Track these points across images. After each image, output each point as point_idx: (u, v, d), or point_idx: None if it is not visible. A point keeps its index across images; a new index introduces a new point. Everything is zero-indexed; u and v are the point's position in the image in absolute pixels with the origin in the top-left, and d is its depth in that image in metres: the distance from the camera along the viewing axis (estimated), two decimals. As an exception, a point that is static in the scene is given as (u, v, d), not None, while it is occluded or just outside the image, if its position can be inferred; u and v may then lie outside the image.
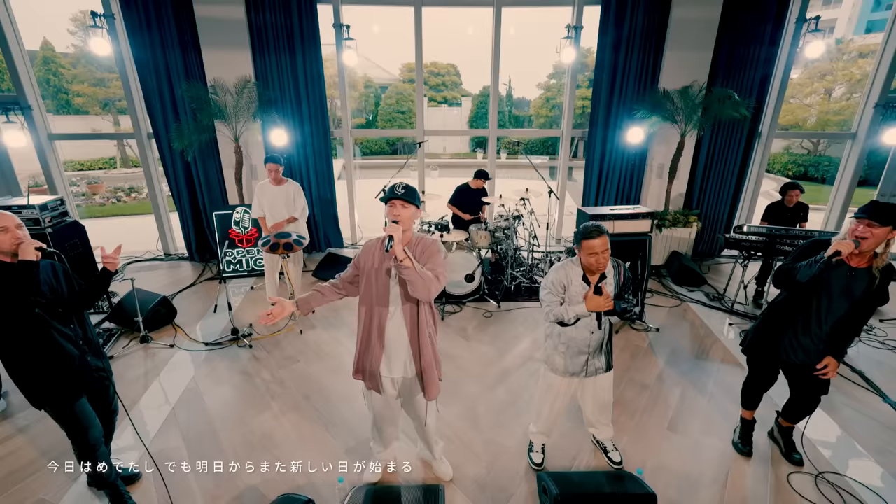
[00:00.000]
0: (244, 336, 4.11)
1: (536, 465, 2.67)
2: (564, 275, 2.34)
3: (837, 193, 6.25)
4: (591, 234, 2.16)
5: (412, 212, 2.00)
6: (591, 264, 2.22)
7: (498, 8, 5.95)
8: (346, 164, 6.61)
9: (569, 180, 6.95)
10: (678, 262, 5.51)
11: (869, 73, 5.87)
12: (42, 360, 2.02)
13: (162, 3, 5.20)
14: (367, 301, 2.14)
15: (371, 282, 2.10)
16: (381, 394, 2.26)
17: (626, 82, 5.81)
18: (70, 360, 2.08)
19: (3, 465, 2.67)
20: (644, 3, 5.48)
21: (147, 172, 6.08)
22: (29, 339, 1.98)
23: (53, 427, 2.45)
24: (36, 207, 3.80)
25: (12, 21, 5.26)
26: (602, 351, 2.45)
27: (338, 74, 6.09)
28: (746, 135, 5.79)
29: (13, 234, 1.93)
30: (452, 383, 3.49)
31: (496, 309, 4.77)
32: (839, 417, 3.11)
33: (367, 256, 2.13)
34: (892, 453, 2.79)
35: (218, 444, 2.85)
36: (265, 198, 4.51)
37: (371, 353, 2.17)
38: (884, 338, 4.18)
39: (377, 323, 2.12)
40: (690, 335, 4.28)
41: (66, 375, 2.08)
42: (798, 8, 5.48)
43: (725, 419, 3.08)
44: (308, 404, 3.23)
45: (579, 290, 2.29)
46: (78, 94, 14.92)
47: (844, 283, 2.23)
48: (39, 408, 2.11)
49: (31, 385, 2.06)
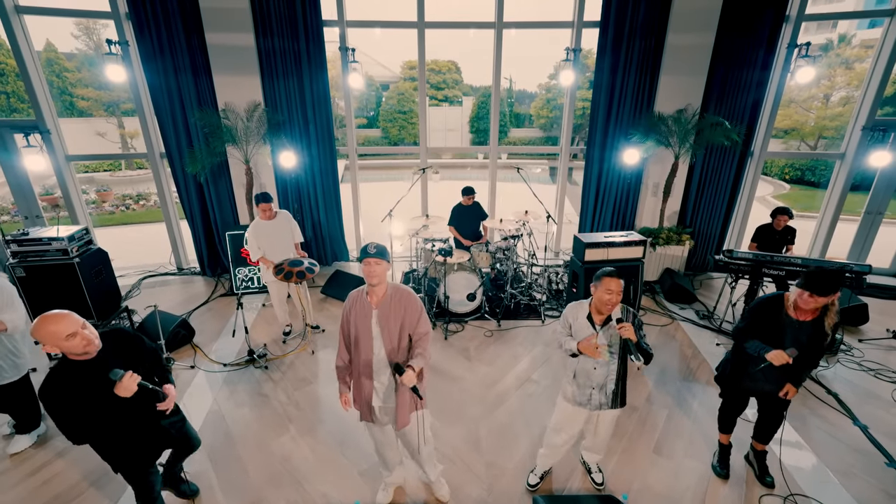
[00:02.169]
0: (260, 357, 4.38)
1: (531, 487, 2.94)
2: (573, 312, 2.57)
3: (827, 207, 6.46)
4: (612, 273, 2.38)
5: (384, 267, 2.31)
6: (605, 302, 2.37)
7: (499, 30, 6.14)
8: (352, 182, 6.83)
9: (569, 183, 7.15)
10: (671, 279, 5.75)
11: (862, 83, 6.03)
12: (121, 436, 2.15)
13: (174, 31, 5.39)
14: (355, 343, 2.41)
15: (357, 328, 2.38)
16: (374, 423, 2.54)
17: (622, 104, 6.02)
18: (146, 433, 2.25)
19: (48, 489, 2.94)
20: (641, 28, 5.67)
21: (160, 190, 6.31)
22: (110, 422, 2.07)
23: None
24: (65, 239, 4.05)
25: (31, 50, 5.46)
26: (608, 389, 2.56)
27: (343, 98, 6.30)
28: (738, 155, 6.00)
29: (81, 335, 1.96)
30: (456, 405, 3.76)
31: (496, 328, 5.03)
32: (812, 440, 3.38)
33: (351, 306, 2.41)
34: (856, 476, 3.06)
35: (242, 467, 3.13)
36: (261, 236, 4.40)
37: (363, 389, 2.46)
38: (861, 358, 4.44)
39: (364, 360, 2.40)
40: (679, 355, 4.54)
41: (143, 445, 2.26)
42: (790, 33, 5.67)
43: (706, 441, 3.35)
44: (323, 428, 3.50)
45: (583, 327, 2.50)
46: (83, 98, 15.10)
47: (794, 334, 2.51)
48: (117, 472, 2.29)
49: (112, 455, 2.21)
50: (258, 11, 5.45)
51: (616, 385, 2.57)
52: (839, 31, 27.09)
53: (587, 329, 2.49)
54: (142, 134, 6.01)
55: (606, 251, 4.45)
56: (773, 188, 15.68)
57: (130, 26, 5.39)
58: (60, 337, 1.91)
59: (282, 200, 6.28)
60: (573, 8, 6.04)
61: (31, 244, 4.04)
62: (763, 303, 2.59)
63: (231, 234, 5.67)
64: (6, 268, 4.04)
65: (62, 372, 1.96)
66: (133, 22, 5.30)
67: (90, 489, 2.93)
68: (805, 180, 15.26)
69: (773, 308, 2.53)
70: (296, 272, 4.20)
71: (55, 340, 1.91)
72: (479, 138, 22.97)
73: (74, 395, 1.95)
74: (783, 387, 2.65)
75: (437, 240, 5.56)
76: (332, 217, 6.60)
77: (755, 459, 3.05)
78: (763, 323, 2.57)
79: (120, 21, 5.44)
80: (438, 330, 4.97)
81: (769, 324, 2.55)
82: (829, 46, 18.34)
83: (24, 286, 4.05)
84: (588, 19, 6.01)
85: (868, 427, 3.53)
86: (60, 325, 1.91)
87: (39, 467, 3.11)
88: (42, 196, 5.97)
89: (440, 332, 4.92)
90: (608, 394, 2.58)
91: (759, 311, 2.59)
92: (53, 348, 1.94)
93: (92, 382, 1.98)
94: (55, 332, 1.90)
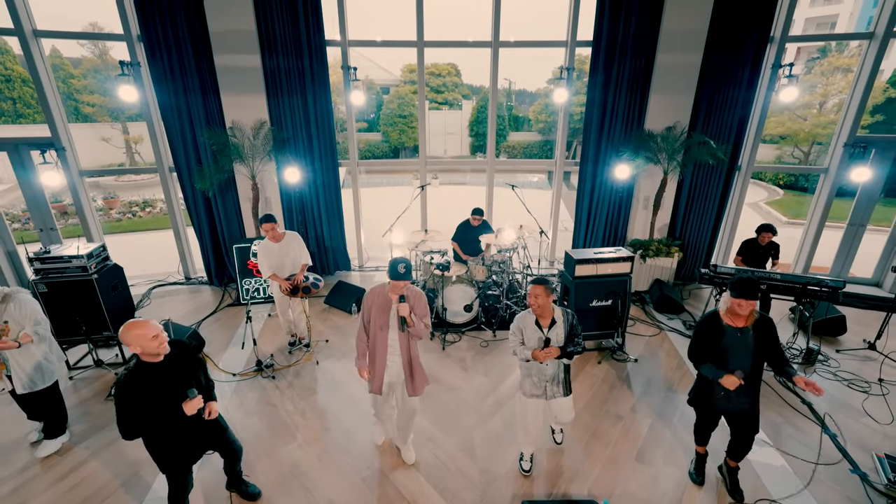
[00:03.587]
0: (267, 367, 4.63)
1: (525, 472, 3.35)
2: (522, 321, 3.05)
3: (813, 217, 6.69)
4: (535, 281, 2.94)
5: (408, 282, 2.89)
6: (532, 305, 2.93)
7: (495, 49, 6.37)
8: (353, 193, 7.08)
9: (566, 187, 7.39)
10: (660, 290, 5.99)
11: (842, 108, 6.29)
12: (170, 435, 2.45)
13: (185, 53, 5.64)
14: (373, 330, 3.01)
15: (375, 318, 3.00)
16: (381, 394, 3.15)
17: (614, 121, 6.25)
18: (190, 435, 2.54)
19: (78, 492, 3.20)
20: (631, 49, 5.91)
21: (168, 202, 6.56)
22: (164, 420, 2.35)
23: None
24: (84, 257, 4.30)
25: (48, 72, 5.70)
26: (558, 381, 3.10)
27: (346, 113, 6.55)
28: (726, 170, 6.24)
29: (161, 338, 2.30)
30: (452, 415, 4.01)
31: (492, 338, 5.28)
32: (783, 447, 3.62)
33: (371, 300, 3.02)
34: (822, 482, 3.31)
35: (254, 472, 3.37)
36: (271, 257, 4.52)
37: (377, 365, 3.06)
38: (836, 369, 4.68)
39: (381, 344, 3.02)
40: (665, 366, 4.78)
41: (186, 445, 2.57)
42: (774, 54, 5.90)
43: (685, 450, 3.60)
44: (328, 436, 3.75)
45: (532, 332, 3.00)
46: (89, 105, 15.34)
47: (738, 342, 2.78)
48: (164, 472, 2.59)
49: (160, 451, 2.49)
50: (264, 33, 5.69)
51: (565, 376, 3.11)
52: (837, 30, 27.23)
53: (536, 332, 2.99)
54: (150, 145, 6.23)
55: (595, 267, 4.69)
56: (767, 193, 15.91)
57: (142, 48, 5.63)
58: (147, 338, 2.24)
59: (286, 214, 6.53)
60: (567, 28, 6.28)
61: (52, 262, 4.30)
62: (702, 322, 2.91)
63: (238, 246, 5.91)
64: (29, 284, 4.29)
65: (136, 372, 2.28)
66: (145, 44, 5.54)
67: (117, 492, 3.18)
68: (798, 186, 15.49)
69: (711, 323, 2.84)
70: (301, 288, 4.45)
71: (142, 341, 2.23)
72: (479, 142, 23.19)
73: (142, 393, 2.26)
74: (746, 405, 2.89)
75: (436, 252, 5.81)
76: (335, 229, 6.85)
77: (727, 475, 3.26)
78: (708, 337, 2.87)
79: (132, 43, 5.68)
80: (437, 341, 5.21)
81: (712, 336, 2.85)
82: (827, 49, 18.56)
83: (45, 301, 4.31)
84: (581, 38, 6.25)
85: (837, 435, 3.81)
86: (147, 329, 2.25)
87: (67, 472, 3.36)
88: (52, 204, 6.20)
89: (438, 343, 5.16)
90: (559, 384, 3.10)
91: (701, 329, 2.90)
92: (137, 348, 2.25)
93: (158, 383, 2.30)
94: (143, 334, 2.23)
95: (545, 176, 19.37)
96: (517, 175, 19.74)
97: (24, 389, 3.31)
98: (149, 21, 5.42)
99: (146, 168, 6.76)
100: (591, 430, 3.84)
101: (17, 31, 5.43)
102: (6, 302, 3.22)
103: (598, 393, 4.31)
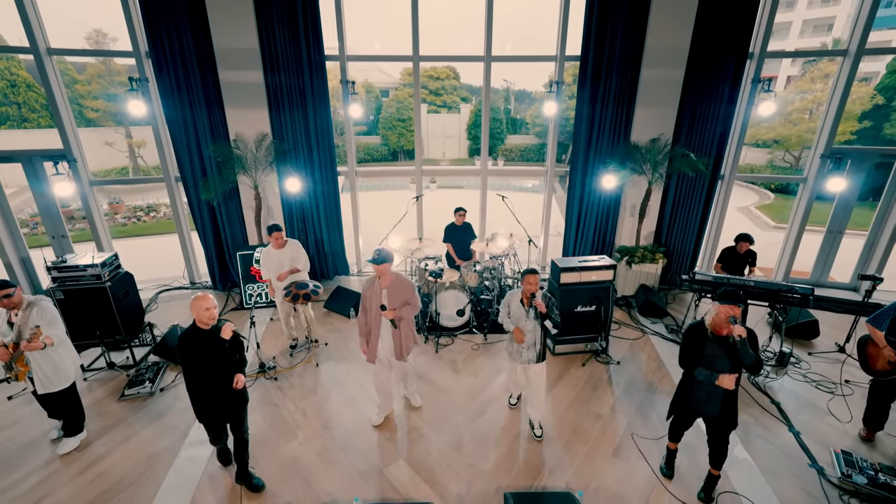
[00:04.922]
0: (269, 369, 4.91)
1: (512, 404, 4.36)
2: (510, 299, 3.78)
3: (793, 224, 6.96)
4: (531, 271, 3.57)
5: (385, 266, 3.63)
6: (527, 290, 3.58)
7: (487, 63, 6.65)
8: (352, 200, 7.36)
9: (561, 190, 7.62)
10: (645, 295, 6.27)
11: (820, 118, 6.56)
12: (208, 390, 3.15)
13: (190, 69, 5.91)
14: (368, 315, 3.79)
15: (370, 306, 3.76)
16: (377, 364, 3.93)
17: (602, 133, 6.53)
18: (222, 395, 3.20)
19: (97, 485, 3.48)
20: (617, 64, 6.18)
21: (174, 211, 6.85)
22: (206, 374, 3.08)
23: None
24: (98, 266, 4.59)
25: (61, 88, 5.98)
26: (533, 348, 3.72)
27: (344, 124, 6.82)
28: (708, 180, 6.51)
29: (213, 311, 3.06)
30: (443, 414, 4.29)
31: (483, 342, 5.56)
32: (750, 444, 3.90)
33: (368, 287, 3.77)
34: (782, 476, 3.58)
35: (258, 466, 3.65)
36: (272, 262, 4.96)
37: (373, 340, 3.82)
38: (807, 370, 4.96)
39: (375, 322, 3.77)
40: (646, 367, 5.06)
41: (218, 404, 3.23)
42: (753, 70, 6.18)
43: (658, 447, 3.87)
44: (327, 434, 4.03)
45: (518, 309, 3.71)
46: (94, 110, 15.63)
47: (720, 347, 3.07)
48: (201, 422, 3.32)
49: (200, 404, 3.20)
50: (266, 51, 5.97)
51: (541, 345, 3.72)
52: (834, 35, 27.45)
53: (521, 309, 3.68)
54: (154, 150, 6.51)
55: (579, 275, 4.97)
56: (758, 197, 16.18)
57: (150, 64, 5.91)
58: (202, 308, 3.02)
59: (287, 221, 6.81)
60: (556, 43, 6.56)
61: (69, 270, 4.58)
62: (689, 331, 3.19)
63: (241, 253, 6.19)
64: (48, 291, 4.57)
65: (192, 333, 3.07)
66: (153, 60, 5.82)
67: (132, 485, 3.46)
68: (790, 189, 15.75)
69: (697, 331, 3.14)
70: (302, 294, 4.73)
71: (199, 310, 3.02)
72: (477, 145, 23.48)
73: (194, 349, 3.04)
74: (722, 409, 3.16)
75: (431, 258, 6.08)
76: (334, 235, 7.13)
77: (706, 481, 3.44)
78: (695, 344, 3.15)
79: (140, 59, 5.96)
80: (430, 343, 5.49)
81: (699, 343, 3.14)
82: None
83: (62, 307, 4.59)
84: (570, 53, 6.53)
85: (800, 433, 4.09)
86: (206, 301, 3.05)
87: (86, 467, 3.64)
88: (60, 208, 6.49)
89: (432, 346, 5.45)
90: (536, 351, 3.72)
91: (689, 337, 3.17)
92: (195, 314, 3.03)
93: (205, 344, 3.06)
94: (201, 304, 3.02)
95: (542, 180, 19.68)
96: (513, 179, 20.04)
97: (44, 389, 3.60)
98: (157, 38, 5.69)
99: (153, 178, 7.03)
100: (573, 428, 4.12)
101: (33, 48, 5.71)
102: (30, 308, 3.50)
103: (581, 393, 4.59)
